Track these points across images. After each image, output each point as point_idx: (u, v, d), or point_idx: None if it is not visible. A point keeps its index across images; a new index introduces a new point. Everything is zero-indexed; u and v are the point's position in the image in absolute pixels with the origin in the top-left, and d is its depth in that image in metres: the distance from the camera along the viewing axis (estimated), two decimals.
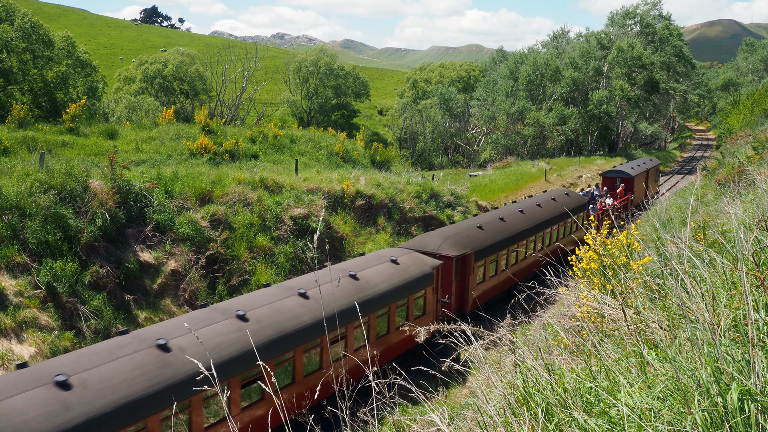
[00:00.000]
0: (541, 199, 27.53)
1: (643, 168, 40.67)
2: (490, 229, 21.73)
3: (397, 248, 18.88)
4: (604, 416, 3.43)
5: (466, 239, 20.05)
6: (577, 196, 30.18)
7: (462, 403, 11.37)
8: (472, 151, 70.26)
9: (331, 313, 13.00)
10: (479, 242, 20.41)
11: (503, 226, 22.63)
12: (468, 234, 20.57)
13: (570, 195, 29.56)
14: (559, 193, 29.77)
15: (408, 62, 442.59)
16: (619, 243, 10.39)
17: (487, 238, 21.12)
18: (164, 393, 9.57)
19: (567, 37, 79.73)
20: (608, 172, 39.15)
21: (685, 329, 3.84)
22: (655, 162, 45.85)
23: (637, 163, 42.44)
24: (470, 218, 24.20)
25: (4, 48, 35.77)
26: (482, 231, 21.34)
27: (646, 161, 44.61)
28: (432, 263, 17.63)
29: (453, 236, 19.91)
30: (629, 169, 38.60)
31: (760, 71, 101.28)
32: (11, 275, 14.35)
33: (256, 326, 11.77)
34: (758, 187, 10.72)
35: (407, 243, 20.16)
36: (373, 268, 15.86)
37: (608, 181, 37.62)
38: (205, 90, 63.38)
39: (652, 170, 42.57)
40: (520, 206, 25.48)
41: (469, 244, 19.91)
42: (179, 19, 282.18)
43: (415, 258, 17.34)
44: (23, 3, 58.73)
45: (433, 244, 19.31)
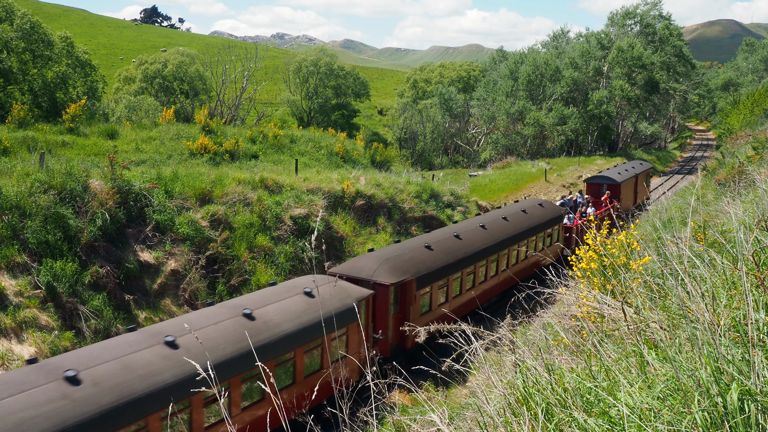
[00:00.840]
0: (508, 212, 24.71)
1: (631, 173, 38.03)
2: (440, 249, 18.98)
3: (320, 275, 16.19)
4: (604, 416, 3.43)
5: (408, 262, 17.27)
6: (551, 207, 27.40)
7: (462, 403, 11.38)
8: (472, 151, 70.26)
9: (205, 366, 10.67)
10: (424, 265, 17.57)
11: (457, 245, 19.84)
12: (412, 256, 17.78)
13: (544, 206, 26.85)
14: (530, 204, 26.93)
15: (408, 62, 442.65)
16: (619, 243, 10.39)
17: (435, 260, 18.29)
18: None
19: (567, 37, 79.74)
20: (593, 177, 36.51)
21: (685, 329, 3.84)
22: (645, 166, 43.00)
23: (626, 167, 39.75)
24: (419, 236, 21.34)
25: (4, 48, 35.77)
26: (430, 252, 18.53)
27: (636, 165, 41.92)
28: (359, 294, 14.98)
29: (393, 259, 17.16)
30: (615, 174, 36.01)
31: (760, 71, 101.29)
32: (11, 275, 14.36)
33: (93, 390, 9.20)
34: (758, 187, 10.72)
35: (339, 267, 17.44)
36: (277, 304, 13.26)
37: (592, 188, 35.18)
38: (205, 90, 63.39)
39: (641, 175, 39.98)
40: (482, 220, 22.80)
41: (412, 268, 17.11)
42: (179, 19, 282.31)
43: (338, 289, 14.56)
44: (23, 3, 58.75)
45: (368, 270, 16.56)
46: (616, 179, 34.68)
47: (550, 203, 28.17)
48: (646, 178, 41.73)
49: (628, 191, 35.97)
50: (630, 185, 36.72)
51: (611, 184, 34.48)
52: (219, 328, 11.66)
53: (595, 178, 35.99)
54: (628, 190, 36.04)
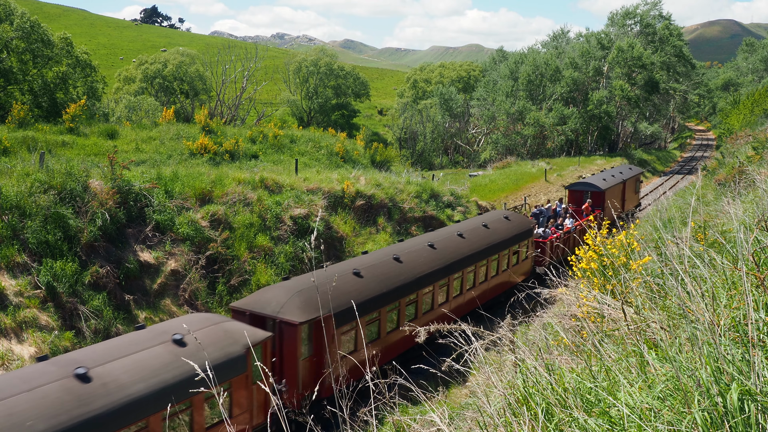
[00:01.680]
0: (466, 227, 21.78)
1: (618, 179, 35.23)
2: (373, 276, 15.97)
3: (207, 315, 13.11)
4: (604, 416, 3.43)
5: (327, 294, 14.26)
6: (519, 220, 24.52)
7: (462, 403, 11.38)
8: (472, 151, 70.27)
9: None
10: (348, 297, 14.37)
11: (395, 270, 16.76)
12: (334, 285, 14.77)
13: (510, 219, 24.03)
14: (494, 217, 23.95)
15: (408, 62, 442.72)
16: (618, 243, 10.40)
17: (363, 289, 15.34)
18: None
19: (567, 37, 79.77)
20: (575, 184, 34.09)
21: (685, 329, 3.84)
22: (635, 171, 40.03)
23: (612, 173, 36.82)
24: (349, 260, 18.18)
25: (4, 48, 35.77)
26: (358, 280, 15.52)
27: (624, 170, 39.06)
28: (253, 337, 11.87)
29: (308, 290, 14.29)
30: (600, 180, 33.30)
31: (760, 71, 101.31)
32: (11, 275, 14.36)
33: None
34: (758, 187, 10.72)
35: (243, 301, 14.58)
36: (129, 358, 10.24)
37: (575, 195, 32.59)
38: (205, 90, 63.42)
39: (630, 181, 37.15)
40: (432, 238, 19.89)
41: (332, 300, 14.22)
42: (179, 19, 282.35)
43: (222, 333, 11.64)
44: (23, 3, 58.75)
45: (274, 304, 13.76)
46: (600, 186, 32.14)
47: (518, 216, 25.29)
48: (636, 184, 39.16)
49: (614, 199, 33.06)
50: (616, 192, 33.99)
51: (594, 191, 31.92)
52: (33, 398, 8.74)
53: (577, 185, 33.57)
54: (614, 197, 33.26)
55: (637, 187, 39.58)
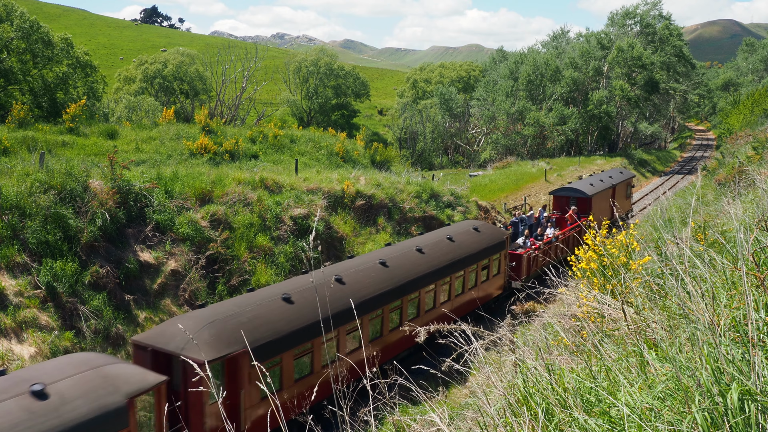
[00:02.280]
0: (427, 241, 19.37)
1: (607, 183, 33.29)
2: (305, 301, 13.63)
3: (85, 357, 10.11)
4: (605, 416, 3.43)
5: (246, 324, 12.12)
6: (490, 231, 22.10)
7: (462, 403, 11.38)
8: (472, 151, 70.28)
9: None
10: (273, 328, 12.45)
11: (336, 293, 14.44)
12: (256, 314, 12.62)
13: (480, 230, 21.60)
14: (461, 229, 21.41)
15: (408, 62, 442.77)
16: (618, 243, 10.40)
17: (293, 318, 13.08)
18: None
19: (567, 37, 79.81)
20: (559, 190, 32.07)
21: (685, 329, 3.84)
22: (626, 175, 37.73)
23: (601, 177, 34.69)
24: (280, 283, 15.65)
25: (4, 48, 35.78)
26: (288, 306, 13.30)
27: (614, 174, 36.72)
28: (142, 382, 9.65)
29: (223, 321, 12.10)
30: (587, 186, 31.37)
31: (760, 71, 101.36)
32: (11, 275, 14.36)
33: None
34: (758, 187, 10.72)
35: (146, 334, 12.37)
36: None
37: (559, 201, 30.63)
38: (205, 90, 63.43)
39: (620, 185, 35.01)
40: (384, 255, 17.55)
41: (252, 332, 11.96)
42: (179, 19, 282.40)
43: (98, 381, 9.25)
44: (23, 3, 58.74)
45: (180, 339, 11.37)
46: (587, 192, 30.02)
47: (489, 227, 22.74)
48: (627, 188, 36.77)
49: (602, 205, 30.99)
50: (604, 198, 31.79)
51: (580, 197, 29.87)
52: None
53: (561, 191, 31.52)
54: (602, 203, 31.09)
55: (629, 192, 37.51)
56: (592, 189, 30.75)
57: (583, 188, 30.43)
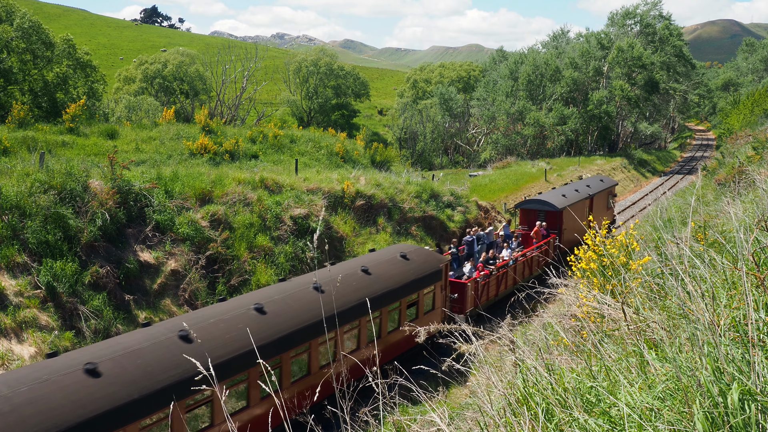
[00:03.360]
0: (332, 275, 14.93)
1: (583, 194, 29.60)
2: (114, 375, 9.71)
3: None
4: (605, 416, 3.43)
5: (23, 407, 8.43)
6: (423, 258, 17.77)
7: (462, 403, 11.38)
8: (472, 151, 70.29)
9: None
10: (68, 413, 8.71)
11: (176, 351, 10.68)
12: (41, 393, 8.75)
13: (410, 258, 17.37)
14: (385, 257, 17.16)
15: (408, 62, 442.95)
16: (618, 243, 10.40)
17: (100, 398, 9.24)
18: None
19: (567, 37, 79.84)
20: (526, 202, 28.44)
21: (685, 329, 3.84)
22: (606, 183, 33.88)
23: (577, 186, 31.01)
24: (121, 336, 12.10)
25: (4, 48, 35.78)
26: (91, 380, 9.34)
27: (593, 183, 32.85)
28: None
29: None
30: (557, 197, 27.81)
31: (760, 71, 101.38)
32: (11, 275, 14.36)
33: None
34: (758, 187, 10.73)
35: None
36: None
37: (527, 216, 27.20)
38: (205, 90, 63.44)
39: (599, 196, 31.28)
40: (266, 295, 13.60)
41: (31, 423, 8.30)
42: (179, 19, 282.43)
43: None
44: (23, 3, 58.74)
45: None
46: (556, 204, 26.59)
47: (422, 253, 18.43)
48: (608, 198, 32.96)
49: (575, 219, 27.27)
50: (578, 211, 28.04)
51: (549, 210, 26.52)
52: None
53: (528, 203, 28.04)
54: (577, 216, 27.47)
55: (610, 202, 33.50)
56: (563, 201, 27.36)
57: (553, 200, 27.00)
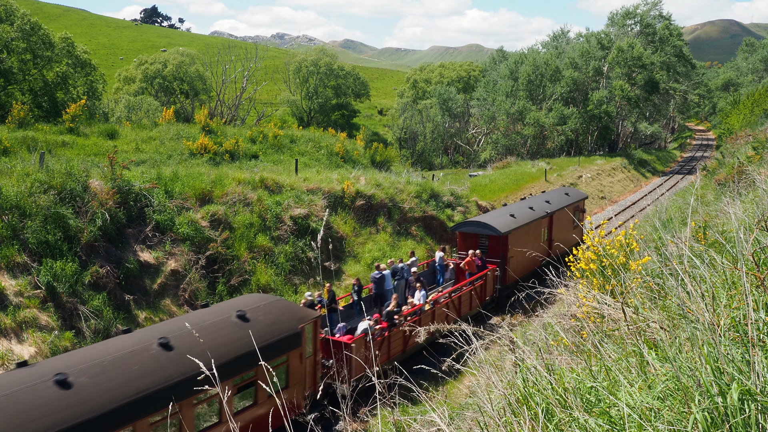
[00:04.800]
0: (108, 352, 10.12)
1: (539, 212, 24.98)
2: None
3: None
4: (605, 416, 3.43)
5: None
6: (272, 318, 12.85)
7: (462, 403, 11.38)
8: (472, 151, 70.28)
9: None
10: None
11: None
12: None
13: (250, 319, 12.41)
14: (217, 316, 12.25)
15: (408, 62, 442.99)
16: (617, 243, 10.40)
17: None
18: None
19: (567, 37, 79.82)
20: (464, 224, 23.15)
21: (685, 329, 3.84)
22: (574, 196, 28.96)
23: (533, 203, 26.22)
24: None
25: (4, 48, 35.78)
26: None
27: (555, 197, 27.77)
28: None
29: None
30: (503, 219, 22.96)
31: (760, 71, 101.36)
32: (11, 275, 14.36)
33: None
34: (758, 187, 10.73)
35: None
36: None
37: (466, 240, 22.71)
38: (205, 90, 63.42)
39: (560, 214, 26.38)
40: None
41: None
42: (179, 19, 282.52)
43: None
44: (23, 3, 58.73)
45: None
46: (499, 228, 21.94)
47: (275, 308, 13.30)
48: (575, 214, 27.96)
49: (527, 243, 22.90)
50: (531, 234, 23.85)
51: (492, 235, 22.12)
52: None
53: (467, 225, 22.95)
54: (528, 240, 23.23)
55: (577, 218, 28.19)
56: (509, 223, 22.80)
57: (496, 223, 22.41)
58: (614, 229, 12.62)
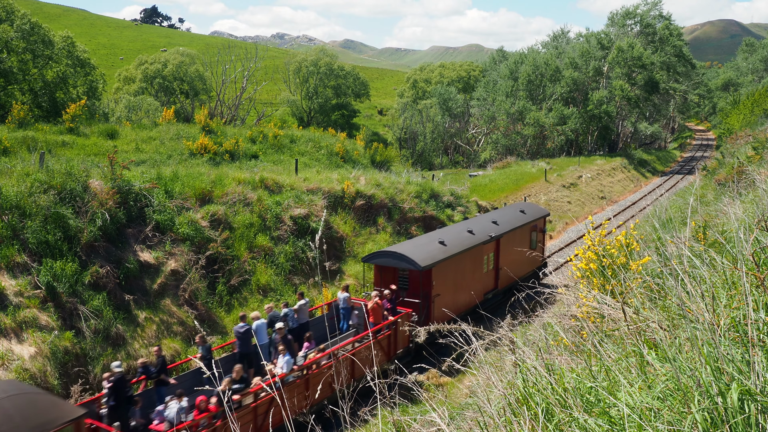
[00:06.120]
0: None
1: (479, 237, 20.43)
2: None
3: None
4: (605, 416, 3.43)
5: None
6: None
7: (462, 403, 11.37)
8: (472, 151, 70.27)
9: None
10: None
11: None
12: None
13: None
14: None
15: (408, 62, 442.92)
16: (618, 243, 10.40)
17: None
18: None
19: (567, 37, 79.82)
20: (378, 255, 18.68)
21: (685, 329, 3.84)
22: (530, 215, 24.53)
23: (472, 225, 21.33)
24: None
25: (4, 48, 35.78)
26: None
27: (507, 216, 23.55)
28: None
29: None
30: (427, 247, 18.68)
31: (760, 71, 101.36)
32: (11, 275, 14.36)
33: None
34: (758, 187, 10.72)
35: None
36: None
37: (383, 275, 18.62)
38: (205, 90, 63.39)
39: (510, 237, 22.32)
40: None
41: None
42: (179, 19, 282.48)
43: None
44: (23, 3, 58.73)
45: None
46: (418, 261, 17.45)
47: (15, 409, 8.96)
48: (530, 236, 24.23)
49: (459, 278, 19.19)
50: (464, 264, 19.55)
51: (411, 269, 17.74)
52: None
53: (381, 256, 18.47)
54: (459, 274, 19.24)
55: (535, 239, 24.62)
56: (435, 253, 18.39)
57: (416, 254, 17.84)
58: (614, 229, 12.62)
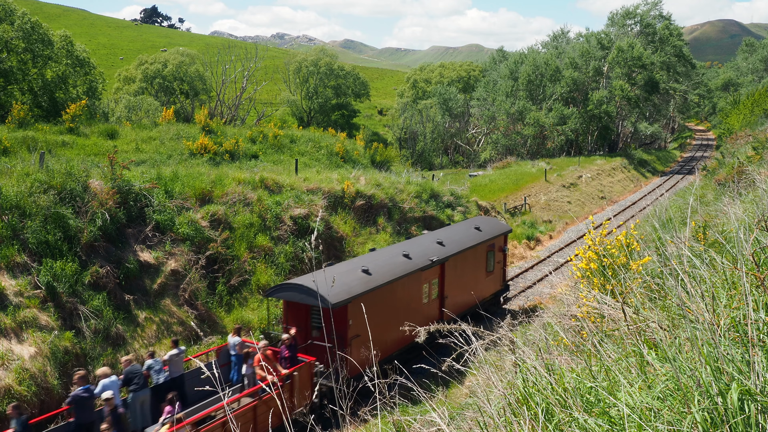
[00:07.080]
0: None
1: (419, 261, 17.68)
2: None
3: None
4: (605, 416, 3.43)
5: None
6: None
7: (462, 403, 11.37)
8: (472, 151, 70.27)
9: None
10: None
11: None
12: None
13: None
14: None
15: (408, 62, 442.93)
16: (618, 243, 10.40)
17: None
18: None
19: (567, 37, 79.84)
20: (284, 288, 15.70)
21: (685, 329, 3.84)
22: (486, 232, 21.62)
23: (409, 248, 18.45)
24: None
25: (4, 48, 35.78)
26: None
27: (461, 234, 20.92)
28: None
29: None
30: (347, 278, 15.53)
31: (760, 71, 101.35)
32: (11, 275, 14.36)
33: None
34: (758, 187, 10.72)
35: None
36: None
37: (295, 313, 15.86)
38: (205, 90, 63.38)
39: (461, 258, 19.58)
40: None
41: None
42: (179, 19, 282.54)
43: None
44: (23, 3, 58.73)
45: None
46: (329, 298, 14.34)
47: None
48: (487, 258, 21.44)
49: (389, 313, 16.46)
50: (395, 296, 16.87)
51: (324, 306, 14.23)
52: None
53: (287, 290, 15.58)
54: (389, 309, 16.56)
55: (492, 263, 21.77)
56: (353, 285, 15.46)
57: (325, 289, 14.51)
58: (615, 229, 12.62)
